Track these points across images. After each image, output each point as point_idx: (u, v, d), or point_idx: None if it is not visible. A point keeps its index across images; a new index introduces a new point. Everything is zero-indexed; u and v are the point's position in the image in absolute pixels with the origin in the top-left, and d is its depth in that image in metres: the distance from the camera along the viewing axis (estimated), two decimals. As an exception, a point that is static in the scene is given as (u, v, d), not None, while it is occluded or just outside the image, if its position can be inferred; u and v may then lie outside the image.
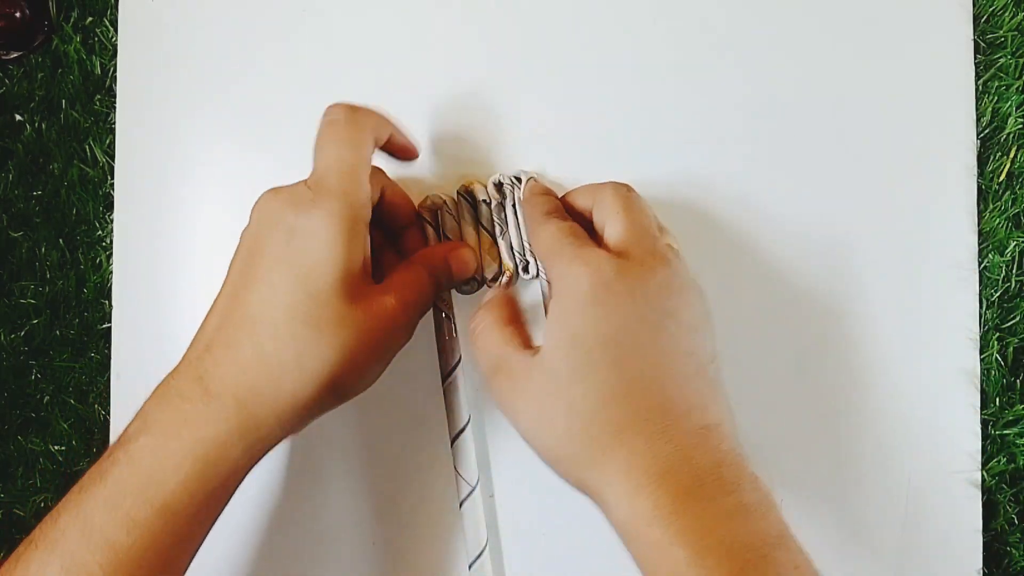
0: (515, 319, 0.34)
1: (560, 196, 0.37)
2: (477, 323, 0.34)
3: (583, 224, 0.34)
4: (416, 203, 0.38)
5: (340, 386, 0.31)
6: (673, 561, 0.26)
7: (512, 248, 0.37)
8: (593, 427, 0.29)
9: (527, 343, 0.33)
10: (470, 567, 0.38)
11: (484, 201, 0.38)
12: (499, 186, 0.38)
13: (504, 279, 0.37)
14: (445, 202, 0.39)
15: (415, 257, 0.36)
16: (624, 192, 0.34)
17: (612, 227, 0.33)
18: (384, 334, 0.32)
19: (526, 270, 0.37)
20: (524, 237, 0.37)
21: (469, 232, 0.38)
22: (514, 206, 0.38)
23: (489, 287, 0.38)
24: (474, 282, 0.38)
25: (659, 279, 0.30)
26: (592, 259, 0.30)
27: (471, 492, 0.38)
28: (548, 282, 0.35)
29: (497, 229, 0.38)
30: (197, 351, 0.31)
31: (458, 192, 0.39)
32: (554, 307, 0.31)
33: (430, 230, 0.38)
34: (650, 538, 0.27)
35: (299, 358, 0.30)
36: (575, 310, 0.30)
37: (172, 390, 0.30)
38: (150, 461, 0.29)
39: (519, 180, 0.38)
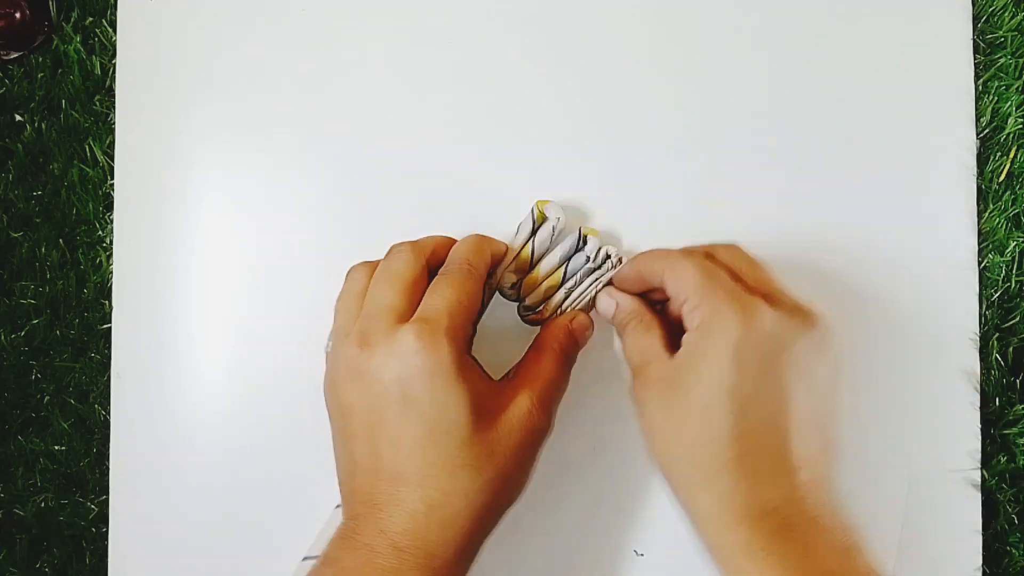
0: (662, 324, 0.35)
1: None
2: (630, 320, 0.35)
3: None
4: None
5: (505, 503, 0.33)
6: None
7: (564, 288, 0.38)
8: (702, 457, 0.31)
9: (669, 346, 0.34)
10: None
11: (552, 225, 0.38)
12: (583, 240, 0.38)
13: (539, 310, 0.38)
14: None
15: (540, 341, 0.36)
16: (743, 251, 0.35)
17: (750, 279, 0.33)
18: (532, 436, 0.33)
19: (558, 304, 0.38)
20: (581, 288, 0.38)
21: (518, 242, 0.38)
22: (553, 228, 0.38)
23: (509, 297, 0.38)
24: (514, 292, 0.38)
25: (804, 344, 0.31)
26: (747, 307, 0.31)
27: None
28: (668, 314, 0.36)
29: (545, 252, 0.38)
30: (372, 511, 0.32)
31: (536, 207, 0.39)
32: (698, 341, 0.32)
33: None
34: (742, 567, 0.30)
35: (466, 497, 0.31)
36: (721, 351, 0.31)
37: (360, 543, 0.31)
38: None
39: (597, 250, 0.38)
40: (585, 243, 0.38)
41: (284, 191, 0.41)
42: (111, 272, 0.42)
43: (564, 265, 0.38)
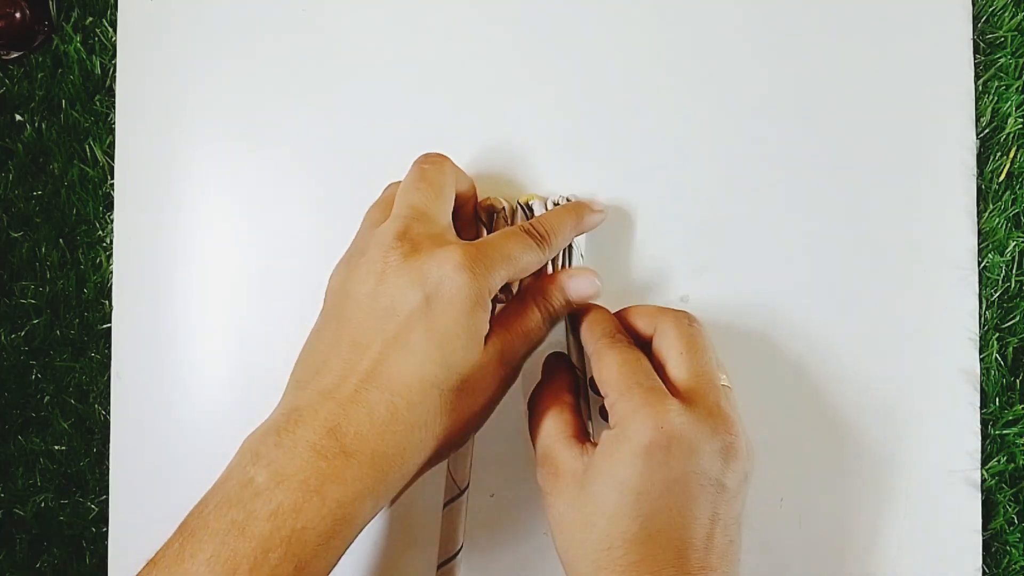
0: (574, 407, 0.35)
1: (616, 312, 0.36)
2: (539, 402, 0.35)
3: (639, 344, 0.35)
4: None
5: (454, 444, 0.33)
6: None
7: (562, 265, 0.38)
8: (604, 558, 0.30)
9: (580, 436, 0.33)
10: (438, 568, 0.37)
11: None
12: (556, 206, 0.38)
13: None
14: (504, 208, 0.38)
15: (525, 290, 0.36)
16: (687, 328, 0.34)
17: (676, 368, 0.33)
18: (499, 384, 0.33)
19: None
20: (574, 258, 0.38)
21: None
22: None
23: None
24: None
25: (719, 445, 0.31)
26: (659, 410, 0.31)
27: (458, 496, 0.37)
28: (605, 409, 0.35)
29: None
30: (326, 403, 0.30)
31: (518, 202, 0.39)
32: (612, 442, 0.31)
33: (482, 229, 0.38)
34: None
35: (427, 424, 0.31)
36: (632, 454, 0.30)
37: (301, 440, 0.29)
38: (293, 520, 0.28)
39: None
40: (531, 210, 0.38)
41: (284, 190, 0.41)
42: (111, 272, 0.42)
43: (566, 259, 0.38)
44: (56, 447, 0.42)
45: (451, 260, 0.31)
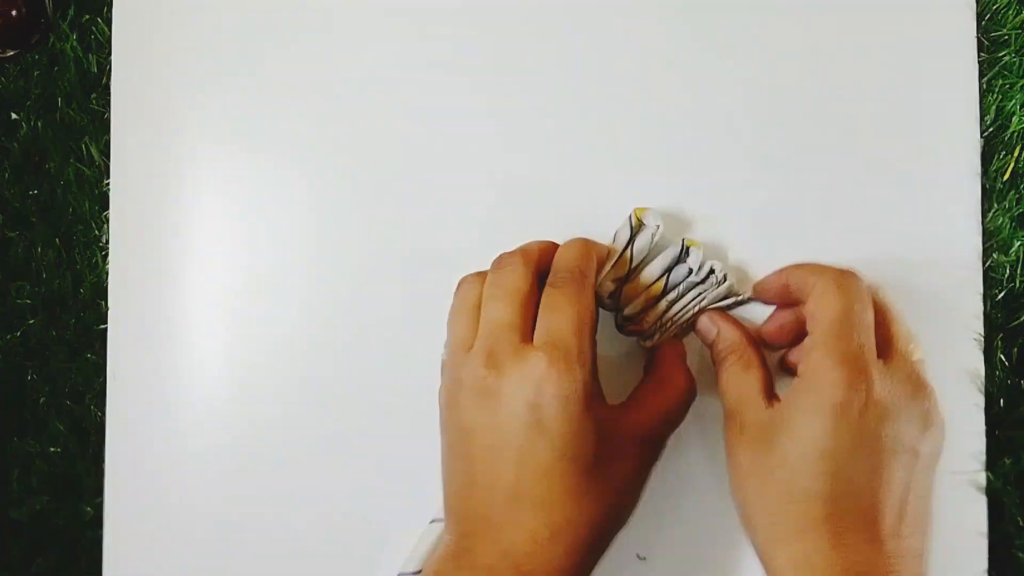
0: (763, 363, 0.35)
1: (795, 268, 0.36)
2: (729, 353, 0.35)
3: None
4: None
5: (619, 526, 0.34)
6: None
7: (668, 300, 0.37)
8: (786, 512, 0.30)
9: (768, 391, 0.33)
10: None
11: (651, 233, 0.38)
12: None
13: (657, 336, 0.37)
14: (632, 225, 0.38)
15: (662, 369, 0.36)
16: (883, 297, 0.34)
17: (878, 327, 0.32)
18: (648, 466, 0.34)
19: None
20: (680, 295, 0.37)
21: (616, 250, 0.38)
22: (652, 236, 0.38)
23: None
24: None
25: (917, 410, 0.31)
26: (862, 368, 0.30)
27: None
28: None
29: (644, 261, 0.38)
30: (487, 531, 0.32)
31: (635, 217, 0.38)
32: (802, 394, 0.31)
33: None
34: None
35: (589, 524, 0.32)
36: (822, 409, 0.30)
37: (479, 562, 0.31)
38: None
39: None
40: (688, 254, 0.37)
41: (281, 190, 0.41)
42: (107, 272, 0.41)
43: (666, 275, 0.37)
44: (51, 449, 0.42)
45: (539, 369, 0.31)
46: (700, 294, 0.37)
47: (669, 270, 0.38)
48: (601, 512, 0.32)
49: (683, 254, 0.38)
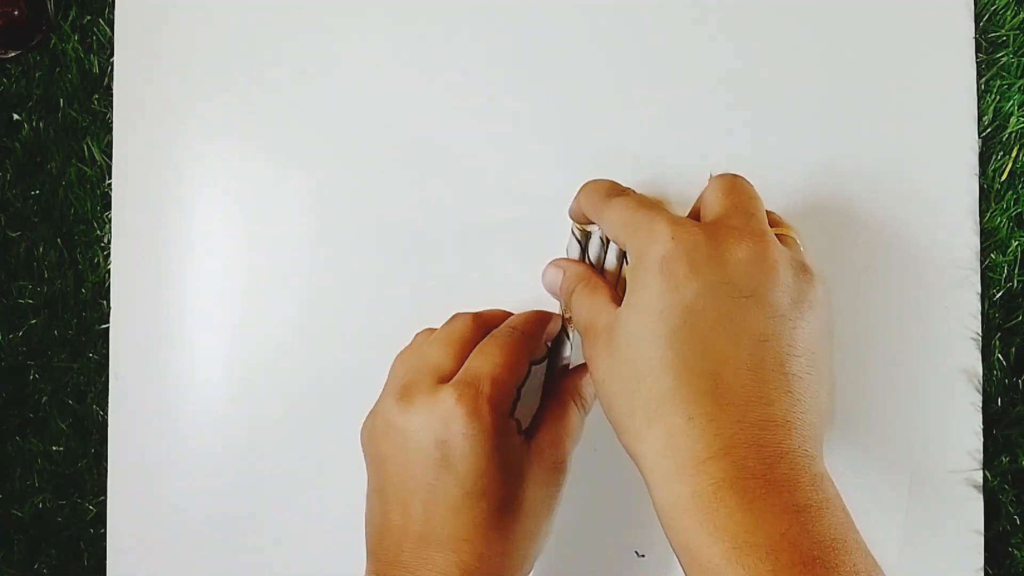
0: (609, 284, 0.34)
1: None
2: (576, 283, 0.34)
3: None
4: None
5: (535, 554, 0.33)
6: (708, 555, 0.25)
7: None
8: (638, 397, 0.27)
9: (615, 299, 0.31)
10: None
11: (600, 236, 0.37)
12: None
13: None
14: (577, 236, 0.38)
15: (558, 394, 0.35)
16: (730, 177, 0.31)
17: (708, 206, 0.31)
18: (557, 491, 0.34)
19: None
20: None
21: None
22: (602, 239, 0.37)
23: None
24: None
25: (746, 253, 0.28)
26: (672, 223, 0.28)
27: None
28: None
29: (601, 259, 0.37)
30: (396, 568, 0.31)
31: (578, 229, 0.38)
32: (630, 274, 0.30)
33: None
34: (686, 527, 0.26)
35: (501, 557, 0.31)
36: (648, 274, 0.28)
37: None
38: None
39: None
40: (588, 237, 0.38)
41: (282, 190, 0.41)
42: (109, 272, 0.41)
43: (623, 259, 0.37)
44: (54, 448, 0.42)
45: (446, 406, 0.30)
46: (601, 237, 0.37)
47: (624, 255, 0.37)
48: (513, 545, 0.31)
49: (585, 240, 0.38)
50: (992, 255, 0.40)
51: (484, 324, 0.34)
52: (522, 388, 0.33)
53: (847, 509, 0.26)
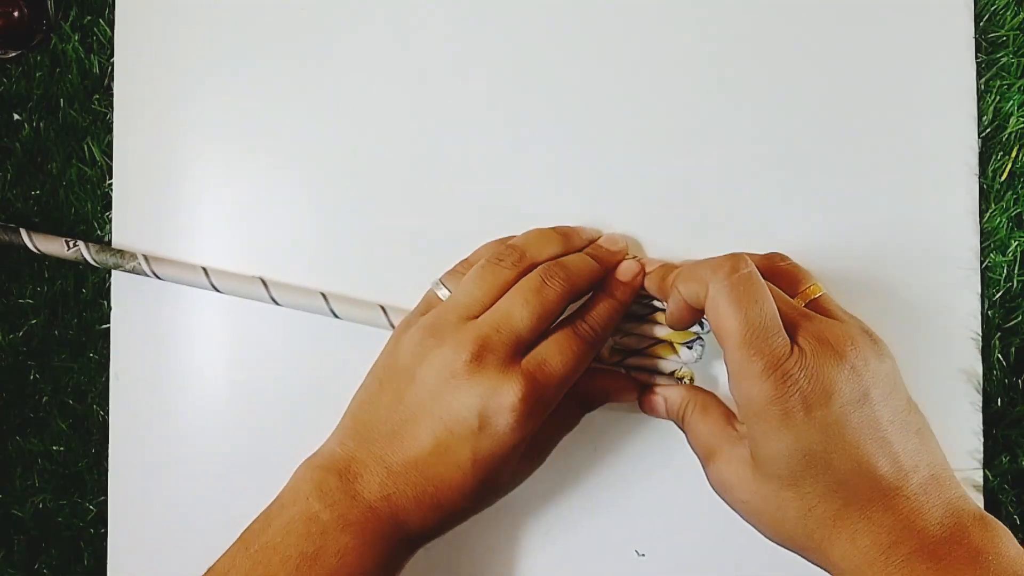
0: (713, 399, 0.36)
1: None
2: (680, 409, 0.36)
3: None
4: None
5: (490, 501, 0.35)
6: None
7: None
8: (811, 520, 0.31)
9: (730, 418, 0.35)
10: None
11: None
12: None
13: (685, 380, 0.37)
14: None
15: (582, 392, 0.37)
16: (734, 287, 0.32)
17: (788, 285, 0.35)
18: (530, 471, 0.36)
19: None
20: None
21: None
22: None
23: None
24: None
25: (846, 369, 0.31)
26: (778, 374, 0.30)
27: None
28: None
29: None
30: (380, 469, 0.32)
31: None
32: (755, 422, 0.31)
33: None
34: None
35: (467, 508, 0.34)
36: (776, 427, 0.31)
37: (360, 493, 0.32)
38: (357, 562, 0.31)
39: None
40: None
41: (282, 190, 0.41)
42: (110, 272, 0.41)
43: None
44: (54, 448, 0.42)
45: (509, 398, 0.32)
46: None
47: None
48: (480, 507, 0.34)
49: None
50: (992, 255, 0.40)
51: (576, 294, 0.35)
52: None
53: (1015, 540, 0.30)
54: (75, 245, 0.39)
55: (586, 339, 0.34)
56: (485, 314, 0.34)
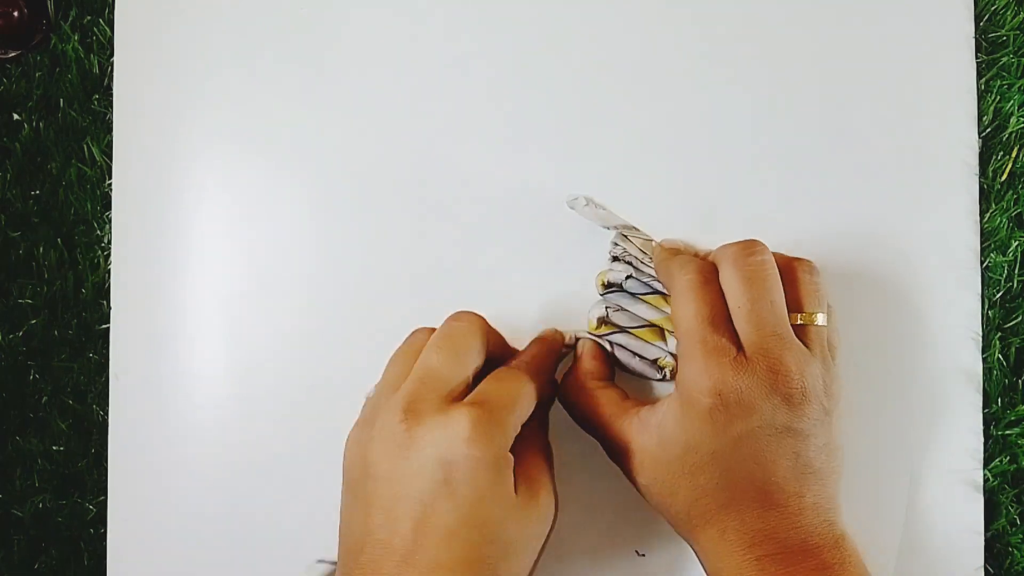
0: (603, 374, 0.37)
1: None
2: (574, 391, 0.37)
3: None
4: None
5: None
6: None
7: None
8: (695, 508, 0.33)
9: (630, 404, 0.35)
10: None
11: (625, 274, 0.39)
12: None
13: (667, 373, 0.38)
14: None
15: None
16: (748, 270, 0.34)
17: (739, 321, 0.33)
18: (548, 528, 0.34)
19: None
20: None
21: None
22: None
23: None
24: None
25: (778, 399, 0.32)
26: (716, 375, 0.32)
27: None
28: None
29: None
30: None
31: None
32: (679, 408, 0.33)
33: None
34: None
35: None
36: (698, 419, 0.32)
37: None
38: None
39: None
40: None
41: (282, 191, 0.41)
42: (109, 272, 0.41)
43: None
44: (54, 448, 0.42)
45: (459, 429, 0.30)
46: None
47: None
48: (512, 561, 0.31)
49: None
50: (992, 255, 0.40)
51: (487, 338, 0.34)
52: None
53: (863, 564, 0.33)
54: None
55: (520, 368, 0.34)
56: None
